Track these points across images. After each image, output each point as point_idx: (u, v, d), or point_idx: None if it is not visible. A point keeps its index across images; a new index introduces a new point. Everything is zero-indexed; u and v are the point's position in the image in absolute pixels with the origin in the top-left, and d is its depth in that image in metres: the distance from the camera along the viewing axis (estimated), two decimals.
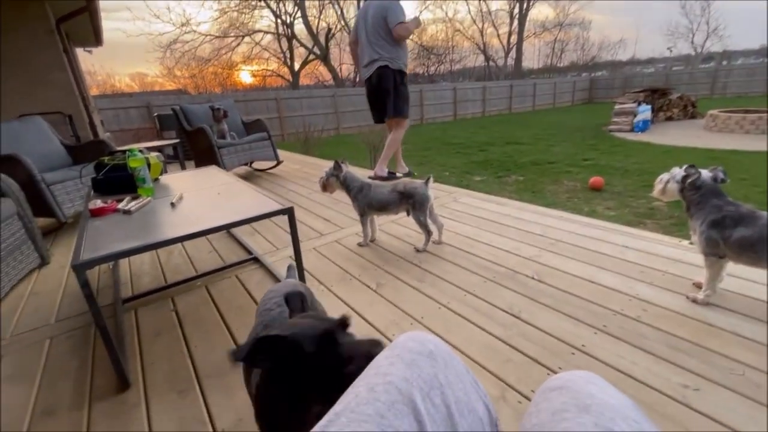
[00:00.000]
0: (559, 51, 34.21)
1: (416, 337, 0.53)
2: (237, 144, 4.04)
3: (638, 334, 1.35)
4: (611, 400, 0.42)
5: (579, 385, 0.45)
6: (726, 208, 1.38)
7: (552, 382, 0.49)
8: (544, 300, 1.59)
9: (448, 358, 0.51)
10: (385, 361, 0.49)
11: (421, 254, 2.09)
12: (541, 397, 0.48)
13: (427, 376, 0.46)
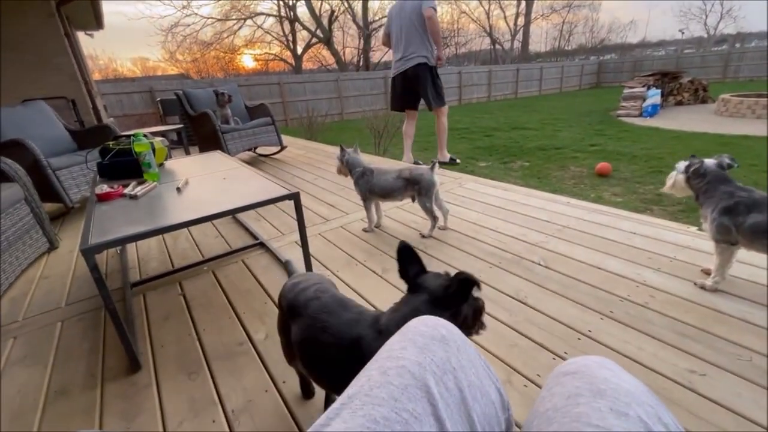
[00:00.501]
0: (567, 33, 33.41)
1: (428, 322, 0.53)
2: (241, 129, 4.02)
3: (645, 320, 1.35)
4: (626, 384, 0.42)
5: (593, 370, 0.45)
6: (738, 194, 1.35)
7: (565, 367, 0.49)
8: (551, 286, 1.58)
9: (460, 342, 0.51)
10: (397, 345, 0.49)
11: (426, 240, 2.09)
12: (554, 381, 0.47)
13: (439, 361, 0.46)
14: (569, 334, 1.30)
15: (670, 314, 1.36)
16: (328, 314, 0.82)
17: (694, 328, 1.29)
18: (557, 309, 1.43)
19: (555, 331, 1.31)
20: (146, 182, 1.70)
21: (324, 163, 4.09)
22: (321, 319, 0.81)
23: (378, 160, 4.19)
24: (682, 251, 1.78)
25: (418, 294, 0.78)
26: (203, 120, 3.90)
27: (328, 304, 0.85)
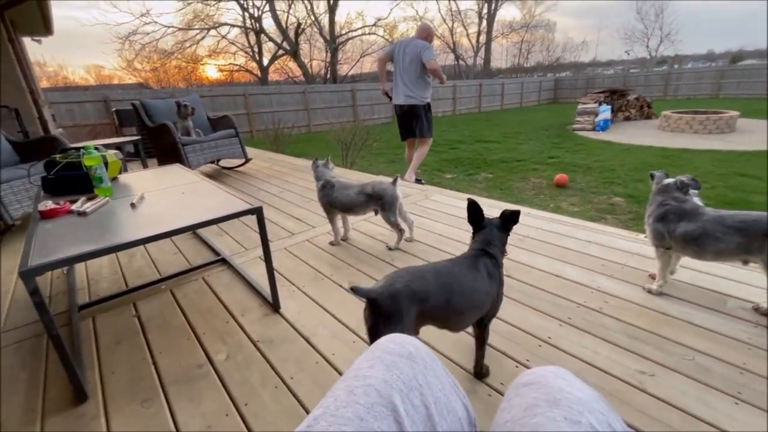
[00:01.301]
0: (526, 51, 35.24)
1: (396, 339, 0.54)
2: (203, 141, 3.90)
3: (600, 324, 1.42)
4: (579, 393, 0.44)
5: (549, 380, 0.47)
6: (670, 203, 1.48)
7: (523, 378, 0.50)
8: (513, 294, 1.63)
9: (428, 359, 0.52)
10: (365, 364, 0.49)
11: (393, 252, 2.10)
12: (513, 393, 0.49)
13: (406, 378, 0.46)
14: (530, 342, 1.34)
15: (622, 318, 1.44)
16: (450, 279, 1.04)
17: (644, 330, 1.37)
18: (519, 317, 1.47)
19: (517, 339, 1.35)
20: (97, 198, 1.61)
21: (290, 176, 4.03)
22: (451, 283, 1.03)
23: (345, 173, 4.19)
24: (632, 258, 1.89)
25: (487, 228, 1.17)
26: (162, 132, 3.76)
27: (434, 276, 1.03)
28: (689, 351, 1.25)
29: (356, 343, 1.37)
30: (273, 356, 1.32)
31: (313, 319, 1.52)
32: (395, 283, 0.97)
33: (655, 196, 1.57)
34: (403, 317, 0.95)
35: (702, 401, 1.06)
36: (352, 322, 1.50)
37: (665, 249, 1.53)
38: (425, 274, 1.02)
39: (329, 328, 1.46)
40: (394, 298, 0.95)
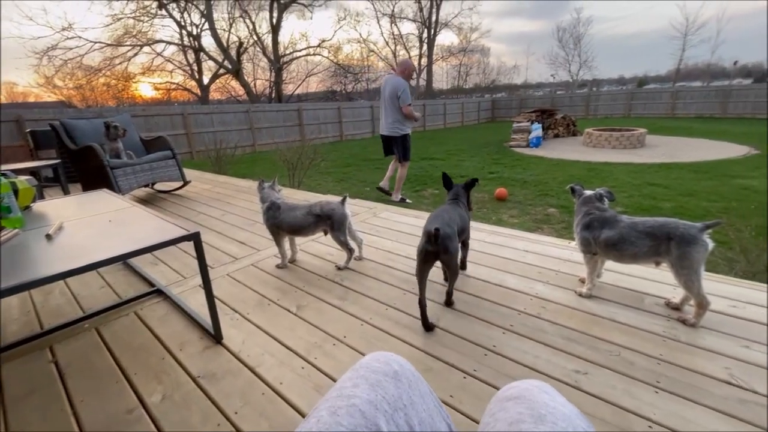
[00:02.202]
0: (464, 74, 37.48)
1: (381, 357, 0.53)
2: (135, 164, 3.64)
3: (539, 329, 1.50)
4: (563, 409, 0.45)
5: (534, 395, 0.48)
6: (593, 213, 1.63)
7: (507, 392, 0.51)
8: (459, 306, 1.68)
9: (412, 378, 0.52)
10: (349, 383, 0.48)
11: (342, 272, 2.08)
12: (497, 407, 0.49)
13: (391, 398, 0.46)
14: (477, 351, 1.38)
15: (558, 321, 1.54)
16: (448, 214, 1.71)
17: (577, 331, 1.47)
18: (465, 328, 1.52)
19: (464, 350, 1.39)
20: (5, 230, 1.43)
21: (234, 198, 3.88)
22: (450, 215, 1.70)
23: (293, 193, 4.12)
24: (565, 264, 2.05)
25: (455, 188, 1.93)
26: (87, 154, 3.45)
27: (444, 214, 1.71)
28: (615, 347, 1.37)
29: (305, 369, 1.33)
30: (215, 391, 1.24)
31: (258, 348, 1.46)
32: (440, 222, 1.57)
33: (580, 207, 1.73)
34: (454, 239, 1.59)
35: (628, 393, 1.16)
36: (301, 346, 1.45)
37: (592, 255, 1.67)
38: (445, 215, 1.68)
39: (276, 356, 1.41)
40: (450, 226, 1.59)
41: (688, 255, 1.40)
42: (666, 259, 1.48)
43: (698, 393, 1.15)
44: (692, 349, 1.34)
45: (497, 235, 2.55)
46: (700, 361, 1.28)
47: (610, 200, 1.71)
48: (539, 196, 5.35)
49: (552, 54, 34.99)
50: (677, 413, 1.08)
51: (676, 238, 1.43)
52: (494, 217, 4.58)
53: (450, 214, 1.68)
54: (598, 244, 1.60)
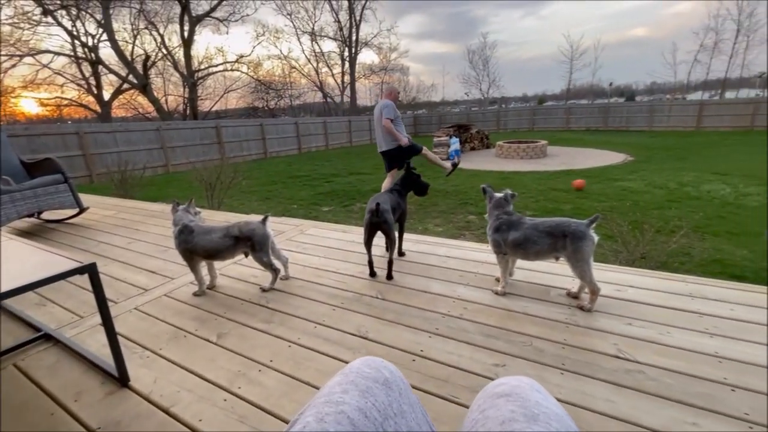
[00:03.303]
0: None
1: (372, 363, 0.51)
2: (13, 191, 3.13)
3: (462, 329, 1.59)
4: (554, 408, 0.45)
5: (526, 393, 0.47)
6: (502, 216, 1.79)
7: (498, 388, 0.50)
8: (388, 316, 1.71)
9: (402, 386, 0.50)
10: (338, 388, 0.45)
11: (268, 294, 2.00)
12: (487, 403, 0.48)
13: (381, 406, 0.44)
14: (405, 358, 1.41)
15: (478, 320, 1.65)
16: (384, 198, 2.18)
17: (496, 327, 1.59)
18: (394, 336, 1.55)
19: (393, 358, 1.41)
20: None
21: (143, 224, 3.52)
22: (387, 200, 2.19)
23: (212, 214, 3.87)
24: (482, 266, 2.20)
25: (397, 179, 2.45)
26: None
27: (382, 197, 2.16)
28: (528, 338, 1.50)
29: (228, 401, 1.24)
30: None
31: (173, 386, 1.32)
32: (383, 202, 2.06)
33: (492, 211, 1.89)
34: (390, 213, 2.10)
35: (540, 378, 1.27)
36: (223, 377, 1.35)
37: (503, 255, 1.83)
38: (381, 198, 2.14)
39: (195, 392, 1.29)
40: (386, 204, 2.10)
41: (580, 248, 1.61)
42: (563, 253, 1.68)
43: (594, 369, 1.30)
44: (588, 331, 1.52)
45: (423, 243, 2.66)
46: (595, 340, 1.46)
47: (512, 198, 1.92)
48: (460, 205, 5.70)
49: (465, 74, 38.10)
50: (579, 389, 1.21)
51: (569, 235, 1.62)
52: (420, 227, 4.76)
53: (384, 197, 2.17)
54: (507, 245, 1.76)
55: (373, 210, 1.99)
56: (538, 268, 2.11)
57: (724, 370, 1.27)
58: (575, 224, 1.64)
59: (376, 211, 1.98)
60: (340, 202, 6.31)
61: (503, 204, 1.88)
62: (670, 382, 1.23)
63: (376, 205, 1.98)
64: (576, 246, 1.61)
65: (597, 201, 5.56)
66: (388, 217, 2.04)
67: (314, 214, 5.56)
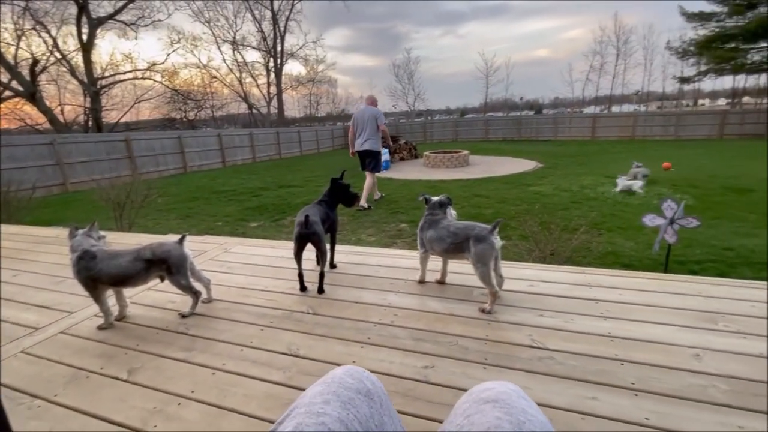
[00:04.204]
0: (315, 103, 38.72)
1: (354, 373, 0.51)
2: None
3: (393, 336, 1.62)
4: (540, 417, 0.45)
5: (512, 400, 0.47)
6: (426, 217, 1.97)
7: (484, 393, 0.49)
8: (320, 330, 1.69)
9: (383, 397, 0.50)
10: (319, 398, 0.44)
11: (188, 319, 1.85)
12: (473, 408, 0.47)
13: (363, 418, 0.43)
14: None
15: (408, 325, 1.70)
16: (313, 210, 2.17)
17: (424, 331, 1.65)
18: (326, 351, 1.53)
19: (325, 373, 1.39)
20: None
21: (32, 252, 3.05)
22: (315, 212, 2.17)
23: (121, 237, 3.49)
24: (412, 272, 2.27)
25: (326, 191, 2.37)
26: None
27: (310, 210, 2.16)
28: (454, 338, 1.58)
29: None
30: None
31: None
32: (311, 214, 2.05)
33: (426, 213, 2.03)
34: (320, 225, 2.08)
35: (465, 375, 1.35)
36: (136, 417, 1.22)
37: (424, 251, 1.99)
38: (310, 210, 2.13)
39: None
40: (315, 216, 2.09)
41: (480, 252, 1.74)
42: (467, 254, 1.81)
43: (512, 360, 1.42)
44: (506, 325, 1.65)
45: (354, 254, 2.67)
46: (512, 333, 1.59)
47: (449, 204, 2.08)
48: (392, 214, 5.84)
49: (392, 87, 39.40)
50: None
51: (472, 238, 1.77)
52: (354, 238, 4.78)
53: (313, 209, 2.16)
54: (426, 241, 1.93)
55: (302, 222, 1.98)
56: (462, 270, 2.24)
57: (616, 348, 1.46)
58: (479, 229, 1.78)
59: (305, 223, 1.97)
60: (270, 217, 6.09)
61: (435, 206, 2.04)
62: (574, 364, 1.38)
63: (305, 218, 1.97)
64: (477, 249, 1.75)
65: (514, 205, 6.08)
66: (317, 229, 2.03)
67: (241, 231, 5.30)
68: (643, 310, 1.73)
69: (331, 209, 2.34)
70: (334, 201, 2.38)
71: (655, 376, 1.30)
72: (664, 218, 3.10)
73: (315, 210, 2.18)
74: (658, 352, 1.43)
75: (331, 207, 2.34)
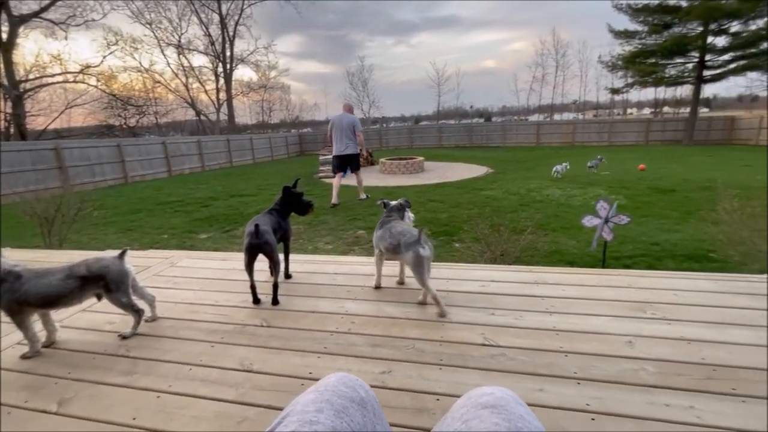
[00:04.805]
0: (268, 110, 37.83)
1: (348, 381, 0.50)
2: None
3: (350, 344, 1.61)
4: (537, 423, 0.45)
5: (511, 406, 0.46)
6: (383, 218, 2.06)
7: (482, 398, 0.48)
8: (274, 343, 1.64)
9: (376, 405, 0.50)
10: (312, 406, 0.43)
11: (129, 341, 1.72)
12: (471, 413, 0.46)
13: (357, 426, 0.43)
14: (293, 384, 1.37)
15: (365, 332, 1.69)
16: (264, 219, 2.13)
17: (381, 336, 1.65)
18: (281, 364, 1.49)
19: (281, 387, 1.36)
20: None
21: None
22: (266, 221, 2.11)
23: (49, 255, 3.18)
24: (369, 279, 2.28)
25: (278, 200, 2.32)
26: None
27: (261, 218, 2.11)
28: (410, 341, 1.60)
29: None
30: None
31: None
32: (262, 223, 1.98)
33: (383, 215, 2.12)
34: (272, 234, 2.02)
35: (421, 377, 1.37)
36: None
37: (379, 253, 2.05)
38: (260, 219, 2.05)
39: None
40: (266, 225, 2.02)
41: (409, 259, 1.80)
42: (401, 257, 1.90)
43: (466, 359, 1.46)
44: (460, 325, 1.70)
45: (310, 263, 2.63)
46: (465, 333, 1.64)
47: (407, 207, 2.19)
48: (349, 221, 5.82)
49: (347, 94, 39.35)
50: (454, 380, 1.35)
51: (402, 245, 1.83)
52: (311, 246, 4.71)
53: (264, 219, 2.10)
54: (375, 241, 2.03)
55: (252, 232, 1.92)
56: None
57: (561, 341, 1.56)
58: (409, 236, 1.84)
59: (256, 232, 1.91)
60: (221, 228, 5.84)
61: (394, 210, 2.14)
62: (524, 359, 1.45)
63: (255, 227, 1.91)
64: (406, 256, 1.82)
65: (467, 209, 6.29)
66: (269, 238, 1.97)
67: (190, 243, 5.03)
68: (584, 304, 1.86)
69: (283, 218, 2.28)
70: (287, 210, 2.33)
71: (594, 364, 1.40)
72: (600, 218, 3.36)
73: (266, 219, 2.12)
74: (598, 341, 1.54)
75: (283, 216, 2.29)
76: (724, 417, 1.13)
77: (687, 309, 1.76)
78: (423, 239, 1.79)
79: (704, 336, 1.54)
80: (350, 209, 6.59)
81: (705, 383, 1.27)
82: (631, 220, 3.35)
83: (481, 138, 24.51)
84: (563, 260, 3.87)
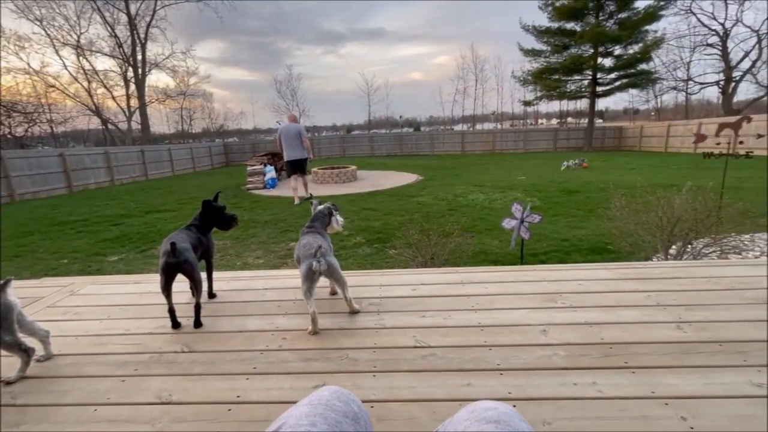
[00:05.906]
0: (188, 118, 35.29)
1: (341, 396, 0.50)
2: None
3: (282, 361, 1.55)
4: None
5: (515, 422, 0.47)
6: (303, 230, 2.08)
7: (487, 413, 0.49)
8: (197, 369, 1.52)
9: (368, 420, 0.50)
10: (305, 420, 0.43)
11: (15, 386, 1.47)
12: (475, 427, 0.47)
13: None
14: (219, 410, 1.28)
15: (297, 347, 1.65)
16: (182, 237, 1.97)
17: (314, 350, 1.62)
18: (205, 390, 1.39)
19: (204, 415, 1.26)
20: None
21: None
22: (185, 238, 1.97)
23: None
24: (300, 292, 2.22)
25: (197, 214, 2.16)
26: None
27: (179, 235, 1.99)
28: (344, 351, 1.59)
29: None
30: None
31: None
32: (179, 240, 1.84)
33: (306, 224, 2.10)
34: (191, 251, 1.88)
35: (355, 386, 1.37)
36: None
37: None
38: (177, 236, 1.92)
39: None
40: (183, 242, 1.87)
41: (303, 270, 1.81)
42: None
43: (399, 363, 1.49)
44: (393, 330, 1.74)
45: (237, 280, 2.49)
46: (398, 337, 1.67)
47: (336, 211, 2.18)
48: (281, 233, 5.63)
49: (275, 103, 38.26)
50: (388, 385, 1.36)
51: (301, 257, 1.88)
52: (239, 262, 4.46)
53: (181, 235, 1.96)
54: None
55: (168, 251, 1.77)
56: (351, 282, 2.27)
57: (485, 336, 1.66)
58: (307, 249, 1.85)
59: (172, 250, 1.76)
60: (135, 247, 5.29)
61: (315, 217, 2.12)
62: (453, 356, 1.52)
63: (172, 245, 1.76)
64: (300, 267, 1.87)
65: (399, 216, 6.46)
66: (188, 256, 1.83)
67: (96, 268, 4.48)
68: (504, 299, 2.00)
69: (204, 234, 2.14)
70: (207, 225, 2.18)
71: (514, 355, 1.51)
72: (516, 219, 3.67)
73: (183, 236, 1.97)
74: (517, 333, 1.67)
75: (203, 231, 2.14)
76: (619, 388, 1.29)
77: (589, 296, 1.99)
78: (319, 254, 1.79)
79: (602, 319, 1.75)
80: (282, 221, 6.38)
81: (603, 360, 1.45)
82: (542, 218, 3.70)
83: (411, 147, 25.41)
84: (488, 259, 4.15)
